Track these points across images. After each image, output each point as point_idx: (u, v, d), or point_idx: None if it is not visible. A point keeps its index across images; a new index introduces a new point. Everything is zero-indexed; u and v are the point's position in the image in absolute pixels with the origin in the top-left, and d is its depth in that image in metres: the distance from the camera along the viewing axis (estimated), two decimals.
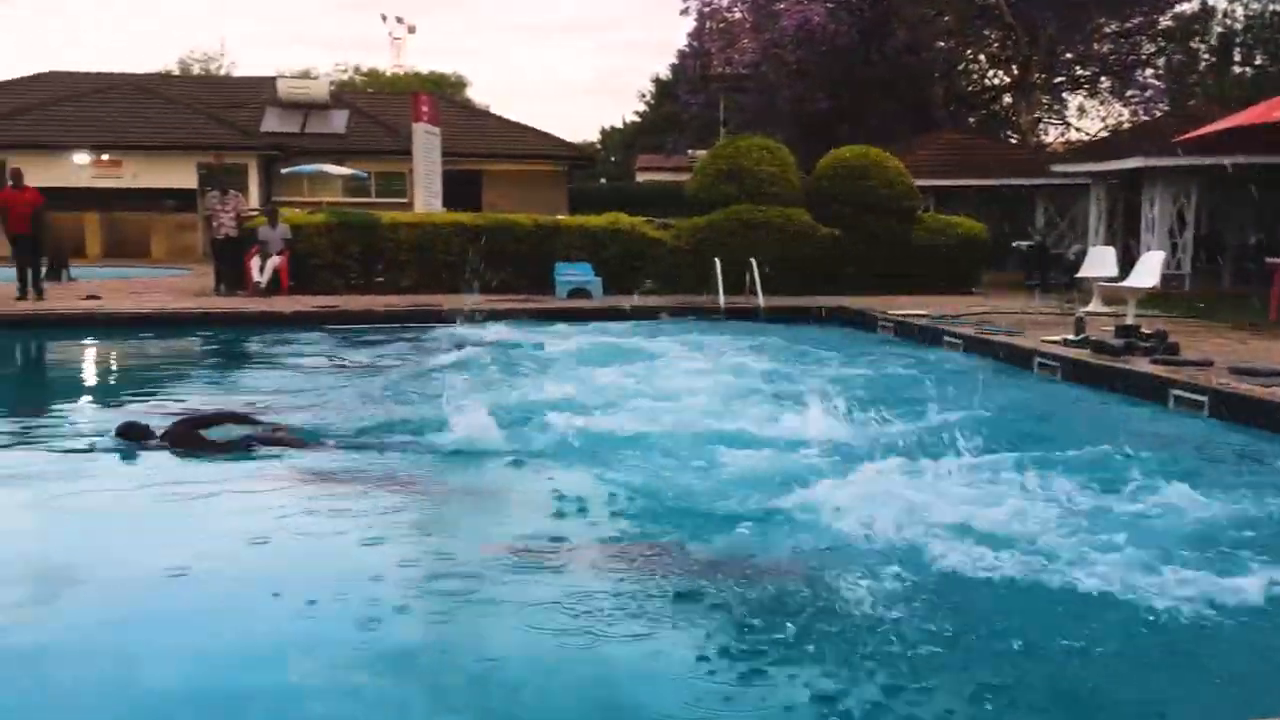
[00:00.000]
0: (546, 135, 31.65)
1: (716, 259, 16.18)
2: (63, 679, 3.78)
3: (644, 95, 54.80)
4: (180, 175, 27.01)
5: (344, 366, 11.03)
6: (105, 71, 32.25)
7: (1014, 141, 30.20)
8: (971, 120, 32.43)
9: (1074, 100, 33.13)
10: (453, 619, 4.34)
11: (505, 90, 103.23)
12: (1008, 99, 32.86)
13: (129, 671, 3.83)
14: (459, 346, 11.80)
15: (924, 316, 13.70)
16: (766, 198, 18.09)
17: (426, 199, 20.20)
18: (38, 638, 4.14)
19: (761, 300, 15.70)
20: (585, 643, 3.99)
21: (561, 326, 13.84)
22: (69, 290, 17.14)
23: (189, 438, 6.75)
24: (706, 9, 30.69)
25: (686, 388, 9.16)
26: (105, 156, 26.73)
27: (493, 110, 37.49)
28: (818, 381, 9.72)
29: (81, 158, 26.47)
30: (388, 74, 56.69)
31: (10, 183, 16.06)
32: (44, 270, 16.40)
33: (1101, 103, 32.61)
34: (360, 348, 12.20)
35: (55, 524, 5.67)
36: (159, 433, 6.83)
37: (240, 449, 6.76)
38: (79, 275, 19.76)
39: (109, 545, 5.31)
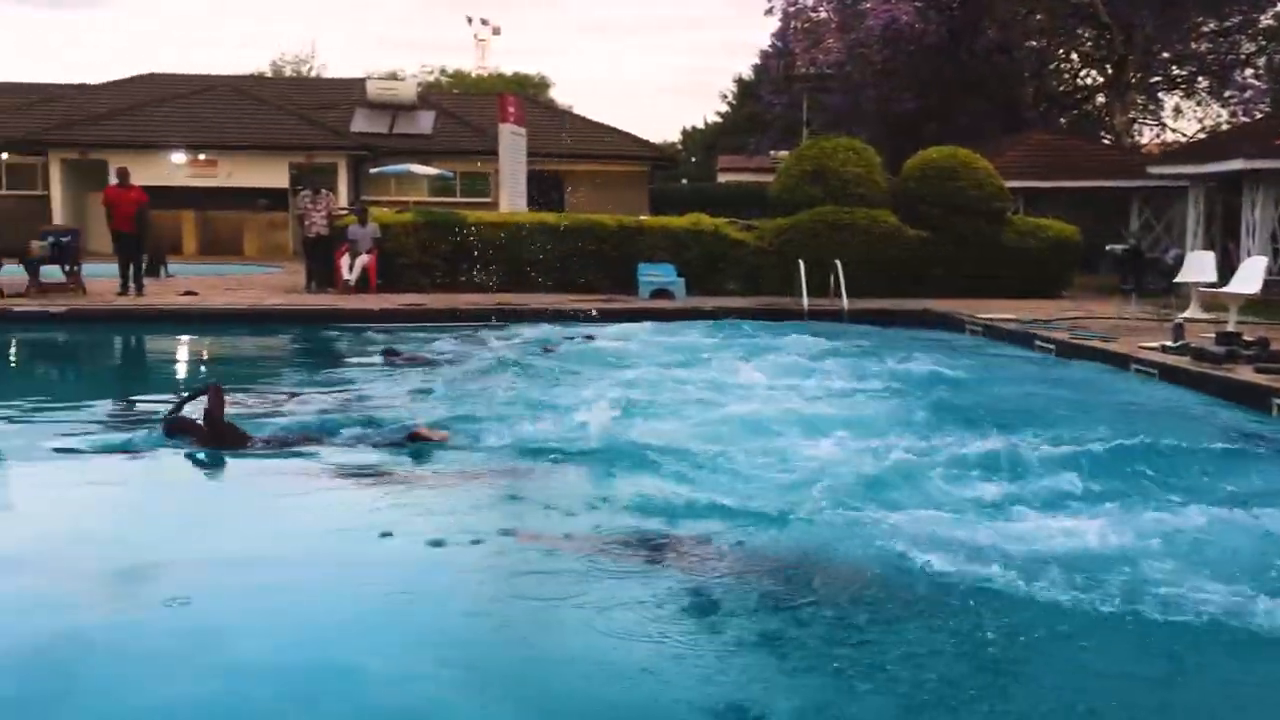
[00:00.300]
0: (629, 136, 31.73)
1: (800, 261, 16.05)
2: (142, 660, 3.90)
3: (726, 95, 54.69)
4: (273, 175, 27.63)
5: (417, 361, 11.15)
6: (202, 74, 33.16)
7: (1107, 142, 29.44)
8: (1063, 121, 31.72)
9: (1170, 100, 32.27)
10: (530, 615, 4.37)
11: (588, 91, 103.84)
12: (1101, 99, 32.06)
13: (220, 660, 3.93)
14: (545, 347, 11.87)
15: (1014, 320, 13.44)
16: (852, 199, 17.91)
17: (511, 199, 20.39)
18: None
19: (846, 303, 15.54)
20: (667, 641, 4.00)
21: (643, 327, 13.85)
22: (167, 286, 17.66)
23: (233, 435, 6.82)
24: (791, 9, 30.49)
25: (767, 389, 9.12)
26: (202, 156, 27.46)
27: (576, 111, 37.70)
28: (901, 385, 9.63)
29: (179, 157, 27.23)
30: (473, 75, 57.38)
31: (116, 181, 16.59)
32: (144, 266, 16.89)
33: (1199, 103, 31.68)
34: (443, 344, 12.32)
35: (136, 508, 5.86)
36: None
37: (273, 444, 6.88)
38: (176, 271, 20.36)
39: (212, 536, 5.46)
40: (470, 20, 62.08)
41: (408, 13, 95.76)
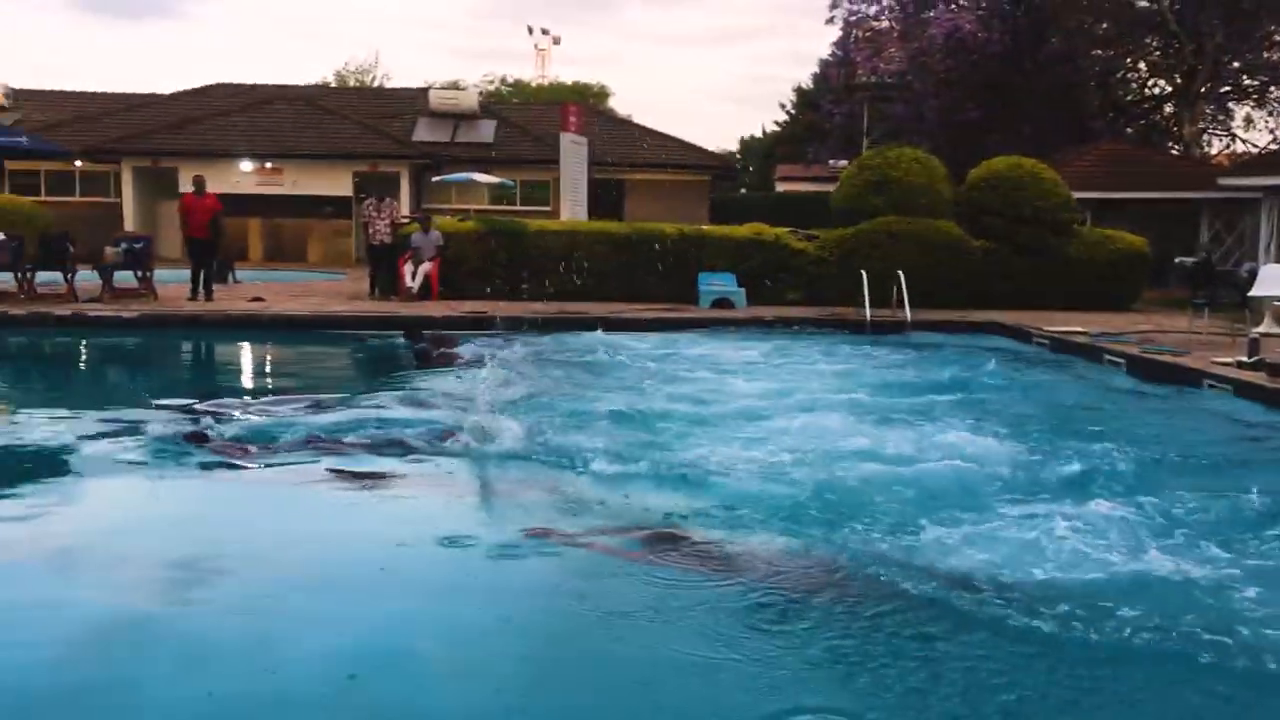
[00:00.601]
0: (688, 145, 31.73)
1: (863, 271, 15.94)
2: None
3: (785, 105, 54.53)
4: (337, 183, 28.03)
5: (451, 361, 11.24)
6: (269, 84, 33.75)
7: (1176, 153, 28.89)
8: (1130, 130, 31.15)
9: (1240, 111, 31.53)
10: (592, 622, 4.39)
11: (646, 100, 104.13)
12: (1169, 109, 31.46)
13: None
14: (608, 353, 11.91)
15: (1082, 334, 13.23)
16: (915, 209, 17.76)
17: (572, 207, 20.49)
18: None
19: (909, 314, 15.39)
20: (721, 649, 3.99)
21: (704, 336, 13.87)
22: (235, 292, 17.98)
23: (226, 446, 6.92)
24: (853, 18, 30.35)
25: (829, 400, 9.08)
26: (268, 165, 27.93)
27: (635, 120, 37.79)
28: (969, 398, 9.52)
29: (246, 166, 27.73)
30: (533, 85, 57.81)
31: (192, 189, 16.94)
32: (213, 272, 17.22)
33: (1271, 113, 30.91)
34: (507, 351, 12.40)
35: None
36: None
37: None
38: (243, 278, 20.73)
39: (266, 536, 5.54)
40: (531, 30, 62.74)
41: (469, 23, 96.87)
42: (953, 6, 29.25)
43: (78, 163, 27.32)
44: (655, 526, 5.46)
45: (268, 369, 12.98)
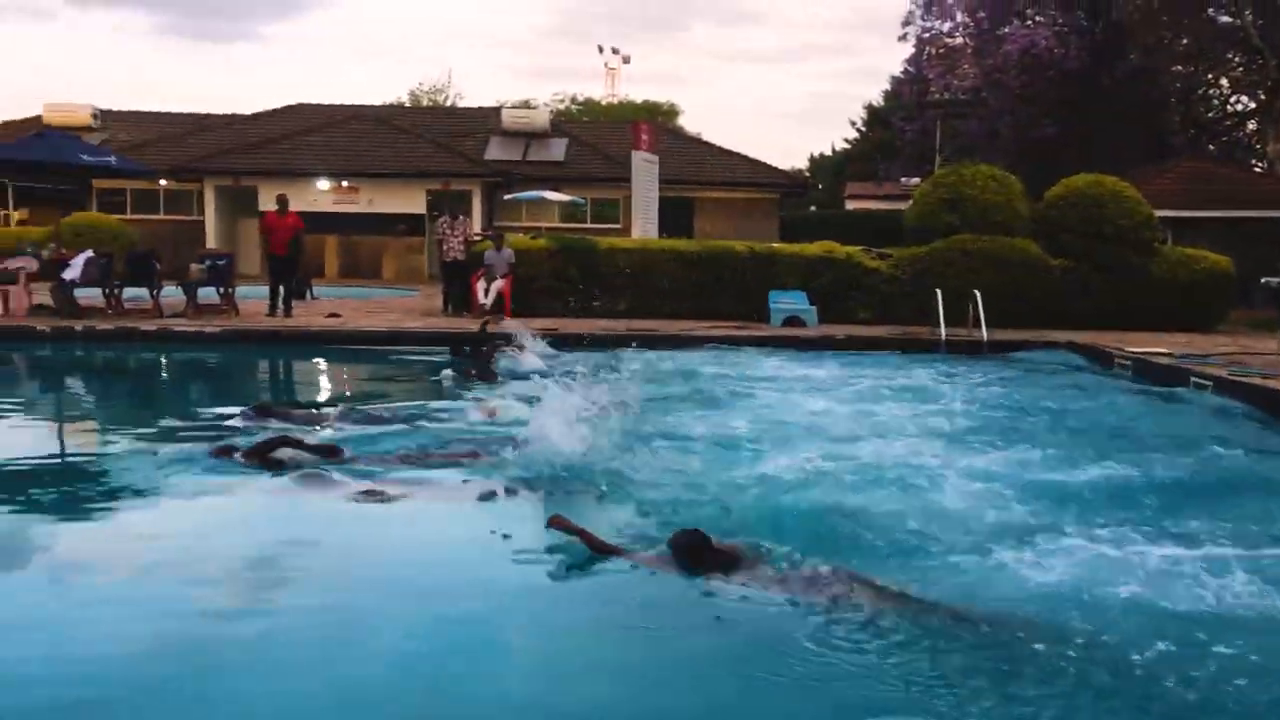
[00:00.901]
0: (758, 163, 31.71)
1: (938, 290, 15.75)
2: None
3: (855, 122, 54.30)
4: (411, 201, 28.48)
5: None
6: (345, 104, 34.44)
7: (1259, 171, 28.18)
8: (1211, 148, 30.50)
9: None
10: (651, 642, 4.40)
11: (715, 118, 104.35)
12: (1252, 126, 30.75)
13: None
14: (683, 373, 11.90)
15: (1166, 355, 12.92)
16: (991, 227, 17.53)
17: (643, 225, 20.56)
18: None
19: (985, 333, 15.18)
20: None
21: (774, 354, 13.79)
22: (312, 308, 18.31)
23: (263, 458, 6.98)
24: (926, 35, 30.18)
25: (901, 421, 8.97)
26: (344, 183, 28.48)
27: (704, 138, 37.86)
28: (1045, 419, 9.34)
29: (323, 184, 28.30)
30: (602, 103, 58.21)
31: (275, 208, 17.32)
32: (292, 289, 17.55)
33: None
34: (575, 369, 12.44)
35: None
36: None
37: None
38: (320, 294, 21.10)
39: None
40: (601, 49, 63.22)
41: (539, 43, 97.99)
42: (1029, 23, 28.95)
43: (162, 181, 28.09)
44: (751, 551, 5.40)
45: (342, 383, 13.17)
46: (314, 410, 9.23)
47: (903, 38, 30.77)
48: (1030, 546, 5.30)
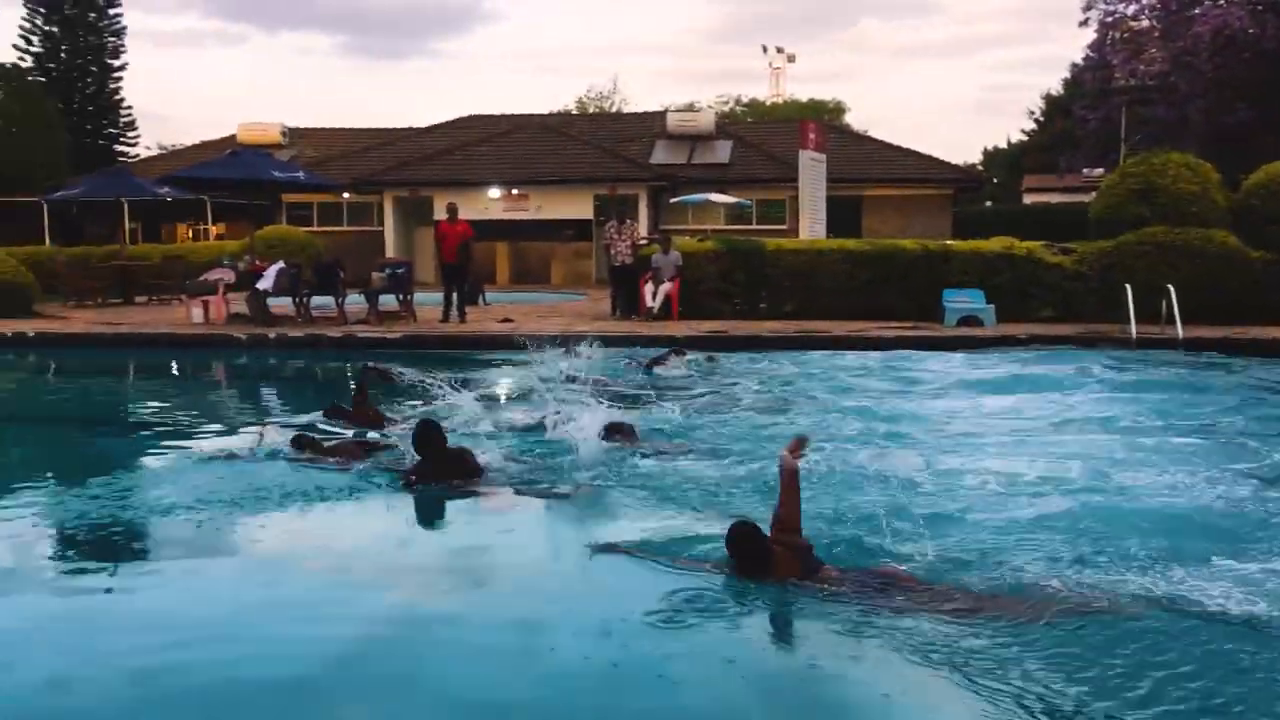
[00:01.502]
0: (928, 158, 30.82)
1: (1127, 285, 14.92)
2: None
3: (1033, 112, 52.35)
4: (578, 207, 28.90)
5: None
6: (515, 113, 35.26)
7: None
8: None
9: None
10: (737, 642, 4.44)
11: (884, 113, 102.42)
12: None
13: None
14: (852, 374, 11.65)
15: None
16: (1186, 218, 16.50)
17: (811, 225, 20.27)
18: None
19: (1180, 331, 14.27)
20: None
21: (951, 355, 13.33)
22: (486, 313, 18.78)
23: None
24: (1109, 19, 28.74)
25: (1092, 425, 8.55)
26: (514, 191, 29.13)
27: (871, 134, 37.10)
28: (1253, 424, 8.71)
29: (494, 192, 29.02)
30: (767, 103, 57.86)
31: (446, 216, 17.84)
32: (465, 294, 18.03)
33: None
34: (750, 372, 12.32)
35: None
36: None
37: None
38: (492, 299, 21.63)
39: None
40: (765, 49, 62.75)
41: (703, 46, 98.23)
42: (1220, 2, 27.21)
43: (345, 194, 29.36)
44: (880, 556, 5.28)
45: (518, 385, 13.39)
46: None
47: (1084, 23, 29.41)
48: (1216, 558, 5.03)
